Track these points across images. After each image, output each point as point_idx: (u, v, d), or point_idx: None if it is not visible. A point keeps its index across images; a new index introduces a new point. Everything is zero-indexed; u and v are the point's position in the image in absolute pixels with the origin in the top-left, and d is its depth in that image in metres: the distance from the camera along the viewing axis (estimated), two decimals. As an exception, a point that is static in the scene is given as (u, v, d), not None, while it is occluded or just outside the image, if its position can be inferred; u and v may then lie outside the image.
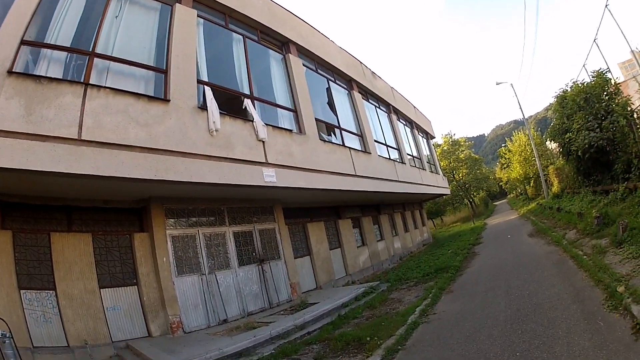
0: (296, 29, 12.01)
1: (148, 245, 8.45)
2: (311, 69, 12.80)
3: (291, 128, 10.60)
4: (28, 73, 5.81)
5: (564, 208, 17.20)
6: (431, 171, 23.93)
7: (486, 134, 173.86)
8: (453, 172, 46.82)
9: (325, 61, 13.46)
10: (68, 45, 6.64)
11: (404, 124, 21.61)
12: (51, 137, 5.49)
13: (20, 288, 6.47)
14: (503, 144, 49.77)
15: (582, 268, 7.56)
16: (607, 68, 16.30)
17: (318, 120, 11.92)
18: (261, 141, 9.03)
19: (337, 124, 13.44)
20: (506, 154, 45.14)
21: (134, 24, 7.82)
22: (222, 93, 9.13)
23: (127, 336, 7.61)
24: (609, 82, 14.79)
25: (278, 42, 11.50)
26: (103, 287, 7.51)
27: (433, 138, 28.90)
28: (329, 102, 13.55)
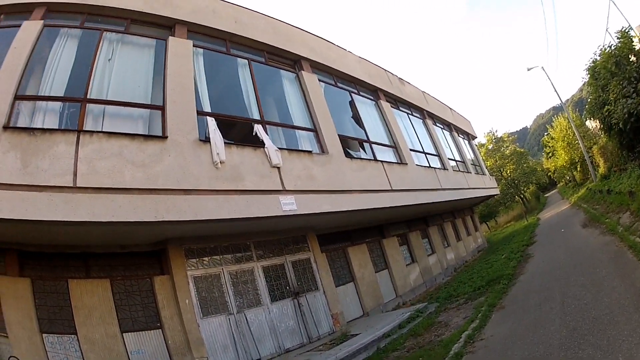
0: (307, 45, 10.89)
1: (169, 287, 7.63)
2: (330, 84, 11.54)
3: (311, 149, 9.33)
4: (22, 127, 5.64)
5: (614, 189, 15.10)
6: (477, 173, 21.47)
7: (528, 126, 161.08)
8: (500, 170, 42.80)
9: (344, 74, 12.16)
10: (62, 94, 6.43)
11: (442, 128, 19.57)
12: (47, 187, 5.23)
13: (42, 332, 6.33)
14: (545, 133, 46.23)
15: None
16: (629, 26, 13.99)
17: (342, 137, 10.54)
18: (275, 167, 7.87)
19: (366, 138, 11.90)
20: (549, 142, 41.47)
21: (129, 64, 7.36)
22: (229, 122, 8.20)
23: (154, 379, 7.01)
24: (633, 41, 12.83)
25: (289, 61, 10.41)
26: (125, 332, 7.00)
27: (475, 138, 26.28)
28: (354, 116, 12.12)
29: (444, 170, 16.14)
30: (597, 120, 16.48)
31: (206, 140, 7.16)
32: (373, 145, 11.95)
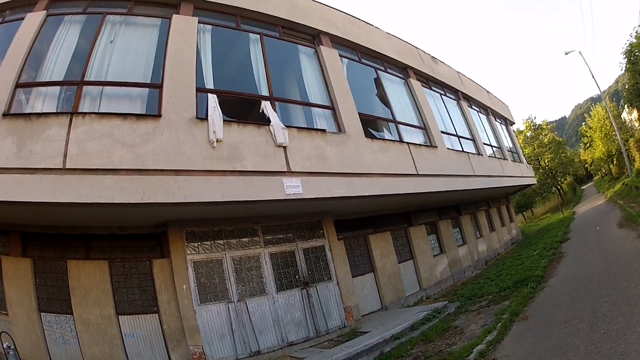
0: (327, 19, 9.46)
1: (168, 271, 6.91)
2: (353, 60, 10.05)
3: (327, 127, 7.95)
4: (20, 113, 5.49)
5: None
6: (514, 160, 19.08)
7: (567, 116, 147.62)
8: (538, 159, 38.81)
9: (370, 49, 10.60)
10: (61, 79, 6.13)
11: (478, 111, 17.34)
12: (39, 170, 5.02)
13: (40, 310, 6.32)
14: (583, 122, 42.83)
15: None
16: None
17: (363, 115, 9.08)
18: (281, 147, 6.70)
19: (392, 117, 10.32)
20: (587, 132, 38.46)
21: (131, 45, 6.78)
22: (235, 99, 7.20)
23: (146, 364, 6.64)
24: None
25: (307, 36, 9.08)
26: (121, 314, 6.63)
27: (513, 124, 23.40)
28: (379, 94, 10.55)
29: (479, 155, 14.16)
30: (636, 108, 13.95)
31: (204, 118, 6.22)
32: (399, 125, 10.40)
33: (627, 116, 27.27)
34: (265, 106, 7.05)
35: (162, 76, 6.32)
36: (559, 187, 41.69)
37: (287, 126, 6.97)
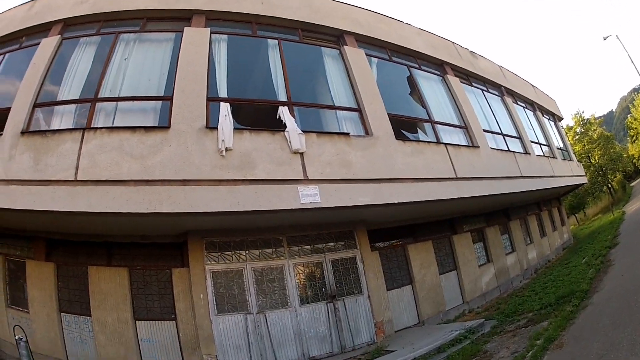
0: (351, 18, 8.46)
1: (187, 280, 6.52)
2: (383, 59, 8.92)
3: (351, 131, 6.96)
4: (37, 130, 5.67)
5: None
6: (563, 159, 16.51)
7: (614, 110, 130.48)
8: (588, 156, 34.17)
9: (401, 47, 9.39)
10: (77, 97, 6.16)
11: (524, 107, 15.18)
12: (53, 181, 5.12)
13: (60, 311, 6.52)
14: (629, 114, 37.85)
15: None
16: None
17: (394, 116, 7.93)
18: (297, 153, 5.82)
19: (427, 117, 8.97)
20: (632, 124, 33.80)
21: (145, 60, 6.61)
22: (252, 106, 6.66)
23: (162, 369, 6.44)
24: None
25: (330, 37, 8.14)
26: (139, 319, 6.49)
27: (561, 120, 20.47)
28: (413, 93, 9.22)
29: (526, 154, 12.22)
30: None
31: (215, 127, 5.68)
32: (436, 125, 9.03)
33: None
34: (282, 111, 6.25)
35: (173, 88, 6.00)
36: (610, 186, 36.51)
37: (306, 131, 6.15)
